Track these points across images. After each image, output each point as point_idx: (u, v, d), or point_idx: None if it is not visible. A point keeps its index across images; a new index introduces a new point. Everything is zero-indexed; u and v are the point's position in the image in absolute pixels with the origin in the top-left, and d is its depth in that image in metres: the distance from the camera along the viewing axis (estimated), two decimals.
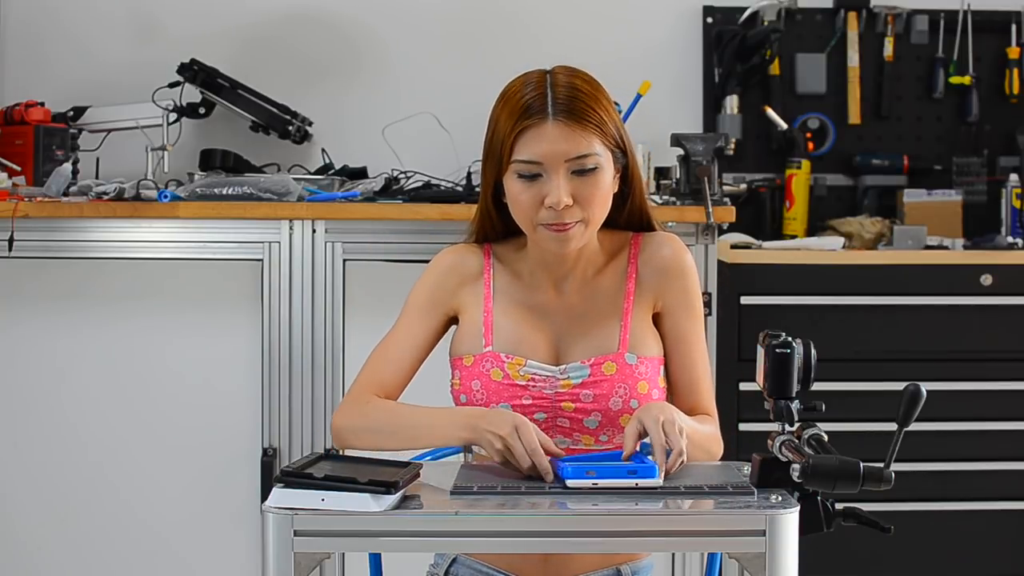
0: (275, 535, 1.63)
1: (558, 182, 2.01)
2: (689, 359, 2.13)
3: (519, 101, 2.04)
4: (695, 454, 2.00)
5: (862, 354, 3.56)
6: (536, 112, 2.02)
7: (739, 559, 1.65)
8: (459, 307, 2.15)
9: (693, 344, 2.13)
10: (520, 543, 1.68)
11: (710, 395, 2.14)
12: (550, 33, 3.99)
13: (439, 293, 2.15)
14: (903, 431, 1.69)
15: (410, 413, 2.05)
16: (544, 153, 2.02)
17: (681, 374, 2.13)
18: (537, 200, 2.03)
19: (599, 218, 2.07)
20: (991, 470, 3.60)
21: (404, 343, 2.13)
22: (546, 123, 2.02)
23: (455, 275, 2.16)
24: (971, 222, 3.94)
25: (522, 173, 2.03)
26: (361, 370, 2.13)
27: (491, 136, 2.08)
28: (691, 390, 2.12)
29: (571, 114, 2.02)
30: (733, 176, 3.94)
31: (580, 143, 2.02)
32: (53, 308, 3.31)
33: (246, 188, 3.30)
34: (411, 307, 2.15)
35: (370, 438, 2.05)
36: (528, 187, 2.03)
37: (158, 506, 3.31)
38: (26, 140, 3.50)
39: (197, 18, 3.96)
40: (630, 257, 2.15)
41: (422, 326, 2.14)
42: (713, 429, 2.09)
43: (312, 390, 3.28)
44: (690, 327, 2.13)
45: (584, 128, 2.02)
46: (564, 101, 2.03)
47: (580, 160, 2.02)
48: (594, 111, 2.04)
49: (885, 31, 4.09)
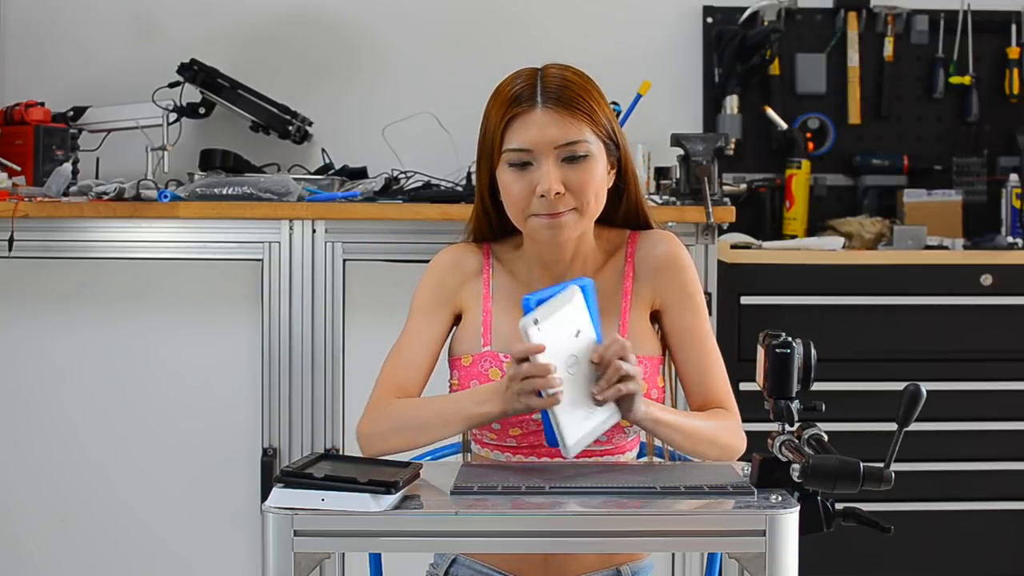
0: (275, 535, 1.63)
1: (548, 169, 2.01)
2: (695, 352, 2.10)
3: (508, 92, 2.04)
4: (695, 448, 1.99)
5: (862, 354, 3.56)
6: (525, 100, 2.02)
7: (739, 559, 1.65)
8: (462, 305, 2.15)
9: (697, 337, 2.11)
10: (520, 543, 1.68)
11: (724, 387, 2.10)
12: (550, 33, 3.99)
13: (443, 291, 2.15)
14: (903, 431, 1.69)
15: (434, 404, 2.05)
16: (533, 140, 2.01)
17: (689, 368, 2.10)
18: (529, 189, 2.02)
19: (594, 208, 2.06)
20: (991, 470, 3.60)
21: (416, 344, 2.12)
22: (535, 110, 2.02)
23: (456, 273, 2.16)
24: (971, 222, 3.94)
25: (512, 162, 2.03)
26: (377, 378, 2.12)
27: (483, 130, 2.08)
28: (702, 384, 2.09)
29: (560, 101, 2.02)
30: (733, 176, 3.94)
31: (570, 129, 2.01)
32: (53, 308, 3.31)
33: (246, 188, 3.30)
34: (417, 308, 2.15)
35: (399, 437, 2.03)
36: (519, 177, 2.03)
37: (158, 506, 3.31)
38: (26, 140, 3.51)
39: (197, 18, 3.96)
40: (627, 256, 2.15)
41: (431, 325, 2.13)
42: (721, 423, 2.05)
43: (312, 390, 3.28)
44: (692, 321, 2.12)
45: (574, 115, 2.02)
46: (554, 89, 2.03)
47: (570, 147, 2.02)
48: (584, 100, 2.03)
49: (885, 31, 4.09)
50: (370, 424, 2.06)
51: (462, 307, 2.15)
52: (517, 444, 2.07)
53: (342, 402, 3.28)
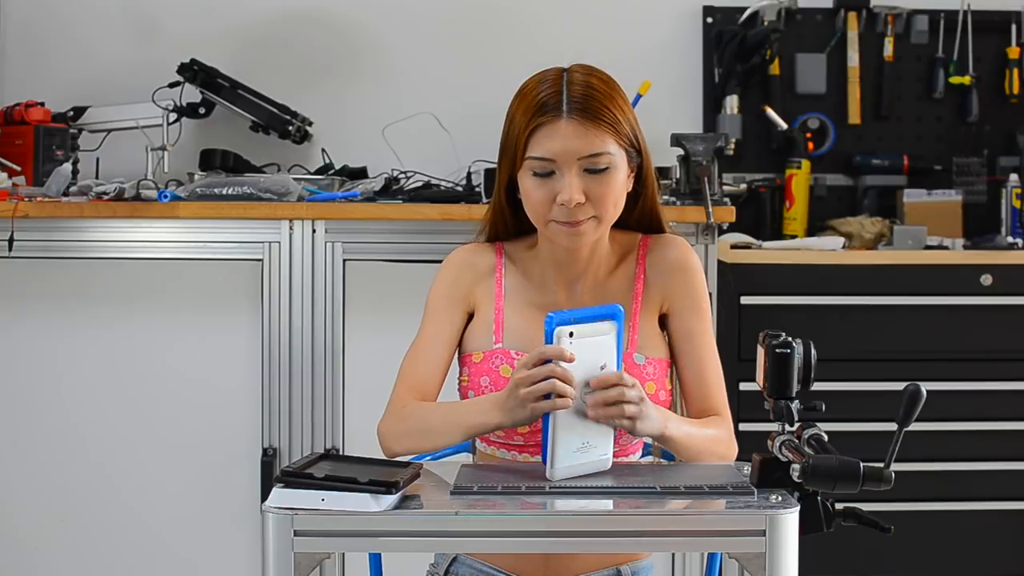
0: (275, 535, 1.63)
1: (570, 180, 2.02)
2: (697, 358, 2.12)
3: (535, 98, 2.05)
4: (697, 459, 2.00)
5: (862, 354, 3.55)
6: (551, 109, 2.03)
7: (739, 559, 1.65)
8: (475, 303, 2.16)
9: (701, 343, 2.12)
10: (520, 543, 1.68)
11: (721, 395, 2.12)
12: (550, 33, 3.99)
13: (456, 289, 2.16)
14: (903, 431, 1.69)
15: (440, 411, 2.06)
16: (557, 151, 2.02)
17: (689, 374, 2.12)
18: (550, 197, 2.03)
19: (611, 216, 2.08)
20: (991, 470, 3.60)
21: (432, 343, 2.13)
22: (560, 120, 2.02)
23: (470, 271, 2.17)
24: (971, 222, 3.94)
25: (536, 171, 2.04)
26: (396, 378, 2.14)
27: (507, 132, 2.09)
28: (700, 390, 2.11)
29: (585, 112, 2.03)
30: (733, 176, 3.94)
31: (594, 141, 2.03)
32: (53, 308, 3.31)
33: (246, 188, 3.30)
34: (432, 308, 2.16)
35: (409, 440, 2.06)
36: (541, 184, 2.04)
37: (158, 506, 3.31)
38: (26, 140, 3.51)
39: (197, 18, 3.96)
40: (638, 259, 2.16)
41: (446, 324, 2.14)
42: (718, 432, 2.07)
43: (312, 390, 3.28)
44: (697, 326, 2.13)
45: (598, 127, 2.03)
46: (579, 99, 2.03)
47: (593, 159, 2.03)
48: (609, 110, 2.04)
49: (885, 31, 4.09)
50: (386, 424, 2.09)
51: (474, 305, 2.16)
52: (524, 442, 2.08)
53: (342, 402, 3.28)
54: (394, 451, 2.06)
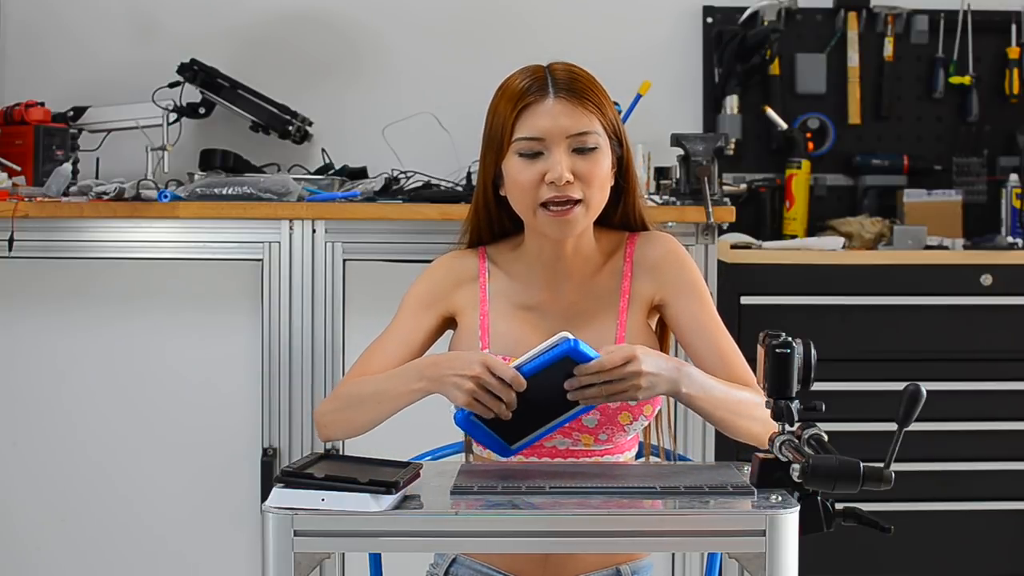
0: (275, 535, 1.63)
1: (560, 157, 2.02)
2: (709, 339, 2.10)
3: (518, 86, 2.06)
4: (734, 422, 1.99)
5: (862, 354, 3.56)
6: (537, 91, 2.04)
7: (739, 559, 1.65)
8: (456, 309, 2.15)
9: (710, 325, 2.10)
10: (520, 543, 1.68)
11: (745, 368, 2.08)
12: (550, 33, 3.99)
13: (434, 293, 2.15)
14: (903, 431, 1.69)
15: (372, 380, 2.05)
16: (546, 128, 2.02)
17: (706, 354, 2.09)
18: (538, 178, 2.03)
19: (598, 202, 2.07)
20: (991, 470, 3.60)
21: (392, 340, 2.13)
22: (547, 99, 2.04)
23: (451, 277, 2.16)
24: (971, 222, 3.94)
25: (523, 151, 2.04)
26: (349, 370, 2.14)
27: (490, 124, 2.09)
28: (724, 369, 2.07)
29: (572, 92, 2.04)
30: (733, 176, 3.94)
31: (581, 119, 2.03)
32: (53, 308, 3.31)
33: (246, 188, 3.31)
34: (404, 306, 2.16)
35: (341, 417, 2.06)
36: (529, 165, 2.03)
37: (158, 506, 3.31)
38: (26, 140, 3.50)
39: (197, 18, 3.96)
40: (625, 256, 2.15)
41: (414, 323, 2.13)
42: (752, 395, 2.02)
43: (312, 390, 3.28)
44: (700, 308, 2.11)
45: (584, 106, 2.04)
46: (564, 81, 2.05)
47: (581, 137, 2.03)
48: (593, 92, 2.06)
49: (885, 31, 4.09)
50: (321, 407, 2.10)
51: (455, 312, 2.15)
52: None
53: None
54: (327, 434, 2.05)
